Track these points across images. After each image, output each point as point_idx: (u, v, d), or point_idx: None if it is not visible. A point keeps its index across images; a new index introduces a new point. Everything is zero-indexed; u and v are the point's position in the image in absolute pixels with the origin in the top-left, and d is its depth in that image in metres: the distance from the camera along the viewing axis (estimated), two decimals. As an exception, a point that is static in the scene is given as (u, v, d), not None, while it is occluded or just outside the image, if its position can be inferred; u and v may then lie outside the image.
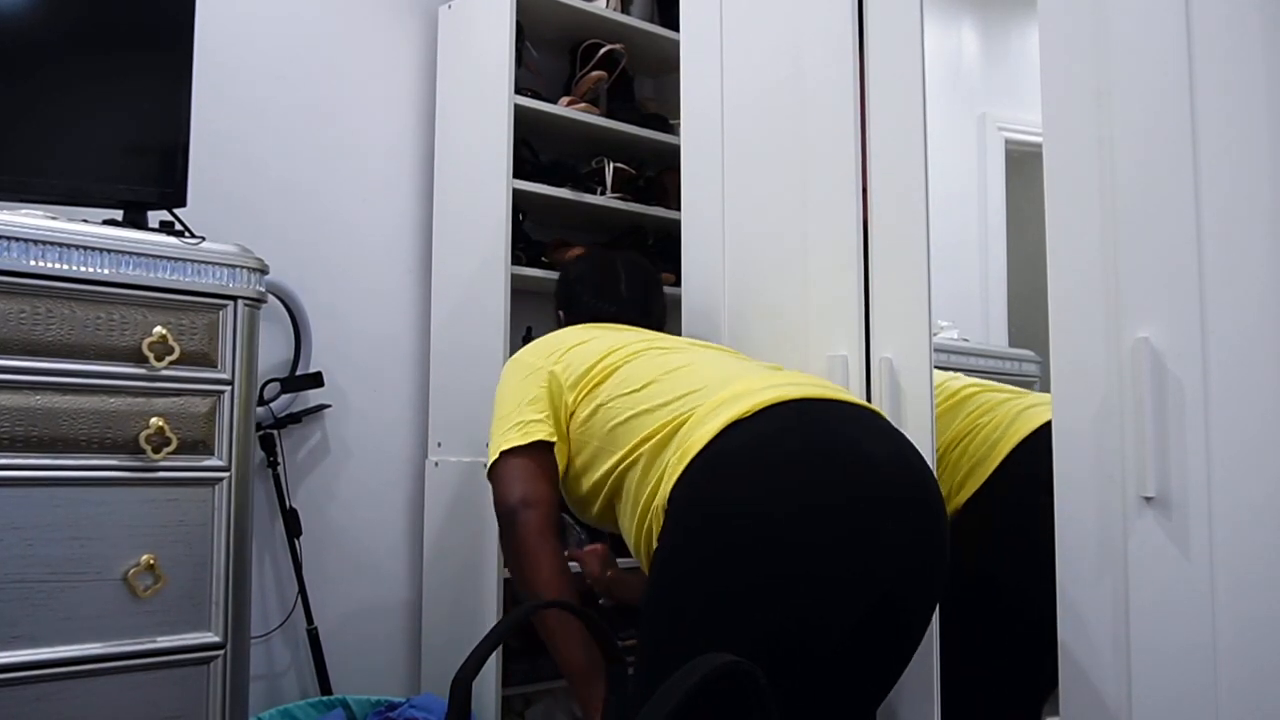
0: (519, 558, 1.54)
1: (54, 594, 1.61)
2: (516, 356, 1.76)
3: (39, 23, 1.79)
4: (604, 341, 1.67)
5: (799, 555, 1.25)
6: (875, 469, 1.31)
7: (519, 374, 1.68)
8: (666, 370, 1.55)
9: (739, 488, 1.31)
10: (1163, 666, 1.27)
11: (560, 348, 1.68)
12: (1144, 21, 1.33)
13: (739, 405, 1.38)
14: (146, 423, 1.71)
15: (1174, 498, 1.27)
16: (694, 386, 1.48)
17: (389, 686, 2.55)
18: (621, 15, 2.74)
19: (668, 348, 1.64)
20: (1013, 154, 1.96)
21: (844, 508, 1.27)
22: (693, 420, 1.41)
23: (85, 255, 1.66)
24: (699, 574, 1.30)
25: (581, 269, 2.00)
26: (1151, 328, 1.30)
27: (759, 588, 1.25)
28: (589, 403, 1.58)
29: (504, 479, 1.57)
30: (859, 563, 1.26)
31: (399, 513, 2.63)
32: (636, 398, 1.52)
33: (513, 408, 1.62)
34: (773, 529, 1.26)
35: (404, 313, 2.67)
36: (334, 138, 2.57)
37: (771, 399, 1.37)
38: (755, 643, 1.21)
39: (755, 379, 1.46)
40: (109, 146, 1.84)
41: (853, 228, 1.70)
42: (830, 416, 1.38)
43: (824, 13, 1.77)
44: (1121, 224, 1.34)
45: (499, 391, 1.69)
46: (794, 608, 1.25)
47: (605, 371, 1.60)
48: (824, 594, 1.25)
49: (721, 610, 1.26)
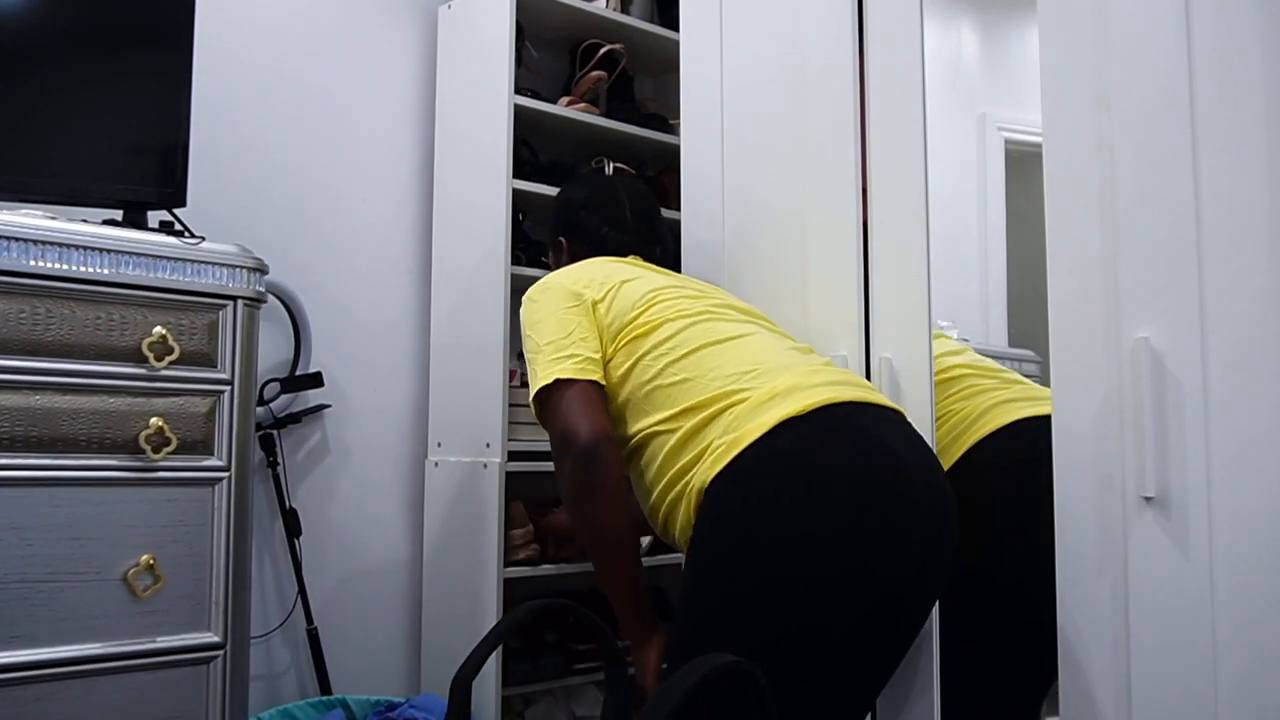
0: (602, 497, 1.43)
1: (54, 594, 1.61)
2: (557, 280, 1.64)
3: (39, 23, 1.78)
4: (647, 283, 1.60)
5: (835, 554, 1.29)
6: (912, 482, 1.34)
7: (563, 300, 1.58)
8: (716, 339, 1.49)
9: (789, 488, 1.32)
10: (1162, 666, 1.27)
11: (607, 281, 1.60)
12: (1144, 22, 1.33)
13: (794, 401, 1.36)
14: (146, 423, 1.71)
15: (1174, 498, 1.27)
16: (746, 367, 1.44)
17: (389, 686, 2.55)
18: (621, 15, 2.74)
19: (711, 311, 1.57)
20: (1013, 154, 1.96)
21: (884, 515, 1.31)
22: (745, 406, 1.38)
23: (85, 255, 1.66)
24: (740, 561, 1.31)
25: (583, 193, 1.89)
26: (1151, 328, 1.30)
27: (796, 580, 1.28)
28: (628, 355, 1.52)
29: (567, 410, 1.46)
30: (891, 567, 1.31)
31: (399, 513, 2.63)
32: (683, 364, 1.47)
33: (561, 334, 1.53)
34: (815, 527, 1.29)
35: (404, 313, 2.67)
36: (334, 138, 2.57)
37: (824, 399, 1.37)
38: (786, 633, 1.27)
39: (805, 371, 1.44)
40: (109, 146, 1.84)
41: (853, 227, 1.70)
42: (874, 425, 1.40)
43: (824, 13, 1.77)
44: (1121, 224, 1.34)
45: (534, 311, 1.60)
46: (825, 604, 1.29)
47: (649, 325, 1.53)
48: (851, 591, 1.29)
49: (762, 598, 1.29)
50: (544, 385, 1.49)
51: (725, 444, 1.35)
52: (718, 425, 1.38)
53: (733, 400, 1.39)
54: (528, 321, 1.60)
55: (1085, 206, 1.38)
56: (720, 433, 1.37)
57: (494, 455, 2.38)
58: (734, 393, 1.40)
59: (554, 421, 1.47)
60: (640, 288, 1.58)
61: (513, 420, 2.44)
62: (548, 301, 1.60)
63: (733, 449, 1.34)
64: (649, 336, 1.51)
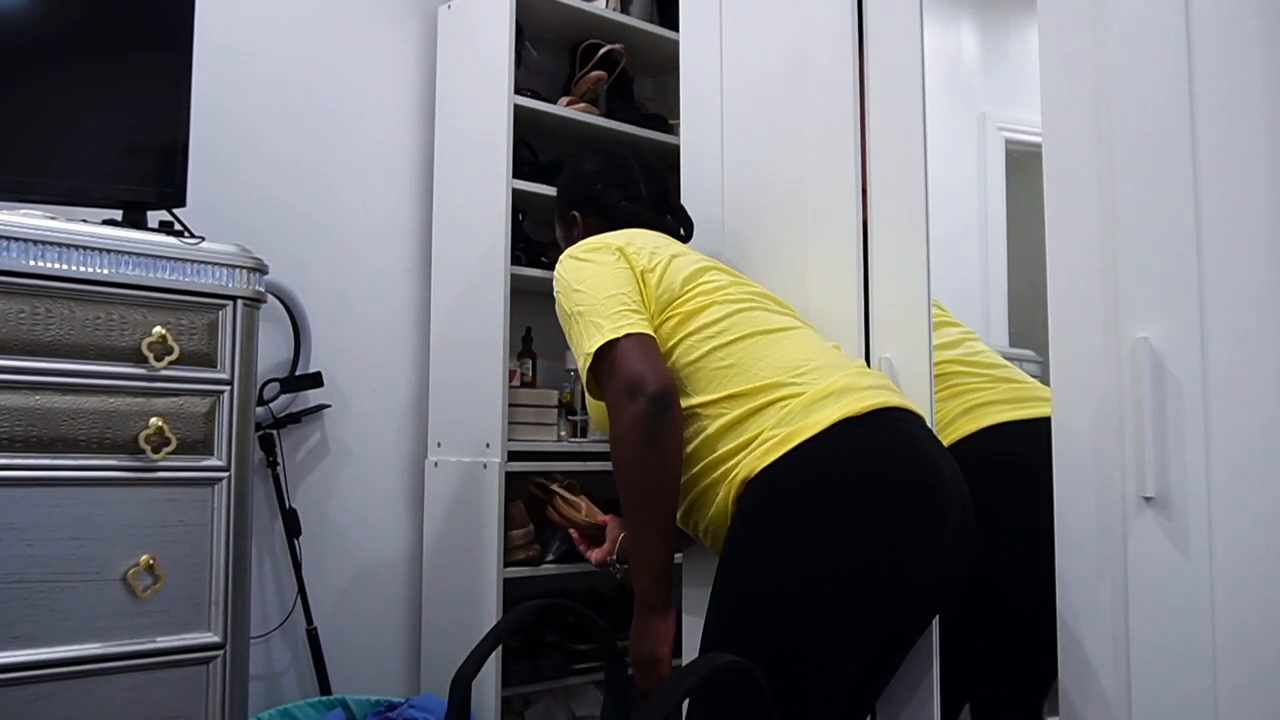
0: (669, 443, 1.38)
1: (53, 594, 1.61)
2: (605, 240, 1.58)
3: (39, 23, 1.78)
4: (693, 260, 1.57)
5: (888, 555, 1.30)
6: (950, 493, 1.35)
7: (616, 259, 1.53)
8: (764, 329, 1.48)
9: (849, 486, 1.32)
10: (1162, 666, 1.27)
11: (657, 252, 1.56)
12: (1144, 22, 1.33)
13: (850, 401, 1.36)
14: (146, 423, 1.71)
15: (1174, 498, 1.27)
16: (796, 360, 1.43)
17: (389, 686, 2.55)
18: (621, 15, 2.74)
19: (754, 300, 1.54)
20: (1013, 154, 1.96)
21: (927, 522, 1.32)
22: (801, 401, 1.37)
23: (85, 255, 1.66)
24: (794, 552, 1.30)
25: (598, 165, 1.81)
26: (1151, 328, 1.30)
27: (847, 575, 1.29)
28: (673, 332, 1.49)
29: (634, 358, 1.40)
30: (926, 574, 1.33)
31: (399, 513, 2.63)
32: (731, 350, 1.45)
33: (621, 289, 1.48)
34: (873, 527, 1.30)
35: (404, 312, 2.67)
36: (334, 138, 2.57)
37: (878, 403, 1.37)
38: (831, 626, 1.28)
39: (855, 373, 1.43)
40: (109, 146, 1.84)
41: (853, 228, 1.70)
42: (916, 432, 1.40)
43: (824, 13, 1.77)
44: (1121, 224, 1.34)
45: (582, 270, 1.52)
46: (874, 601, 1.29)
47: (697, 305, 1.50)
48: (898, 593, 1.31)
49: (815, 589, 1.29)
50: (612, 339, 1.41)
51: (779, 436, 1.34)
52: (768, 416, 1.37)
53: (786, 393, 1.38)
54: (575, 279, 1.51)
55: (1085, 206, 1.38)
56: (774, 424, 1.36)
57: (494, 455, 2.38)
58: (786, 384, 1.39)
59: (618, 371, 1.40)
60: (688, 264, 1.55)
61: (513, 420, 2.44)
62: (601, 259, 1.53)
63: (787, 442, 1.33)
64: (696, 316, 1.49)
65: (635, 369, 1.39)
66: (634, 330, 1.41)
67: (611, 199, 1.74)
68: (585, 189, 1.78)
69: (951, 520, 1.33)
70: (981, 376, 1.78)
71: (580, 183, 1.79)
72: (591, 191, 1.77)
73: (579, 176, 1.80)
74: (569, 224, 1.80)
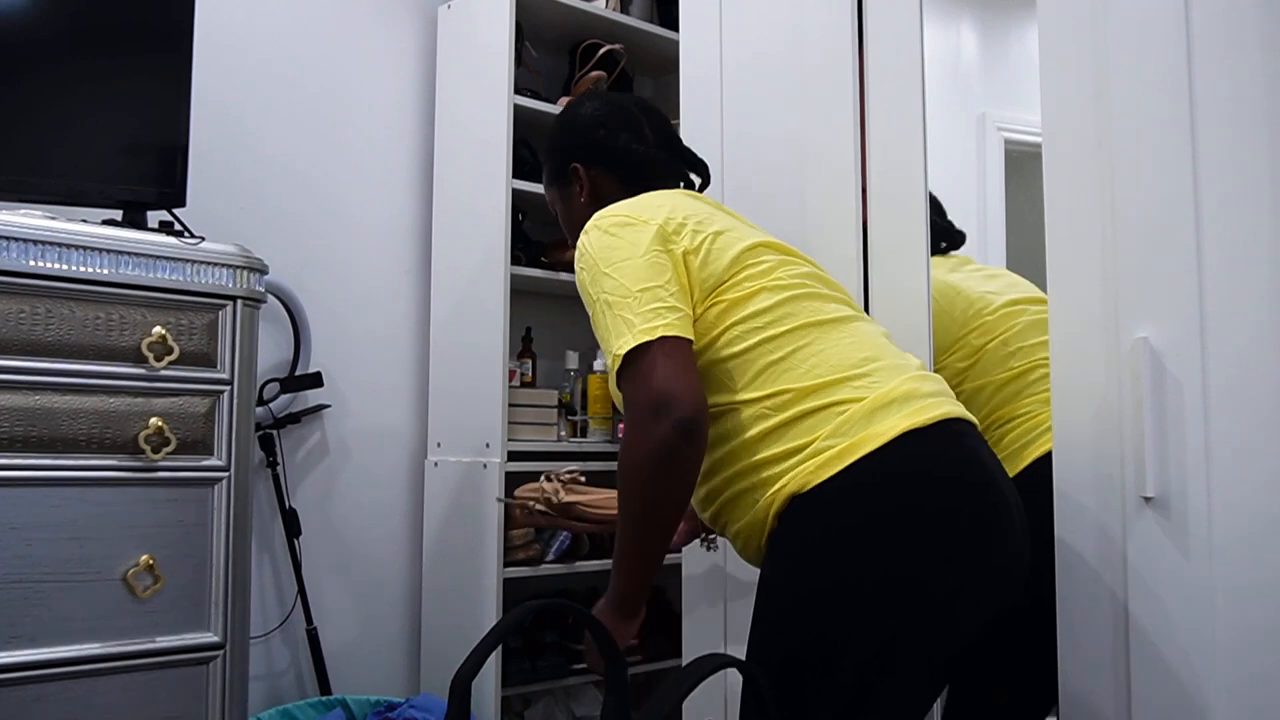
0: (687, 470, 1.24)
1: (53, 594, 1.61)
2: (639, 213, 1.37)
3: (39, 23, 1.78)
4: (739, 236, 1.39)
5: (952, 578, 1.20)
6: (1013, 515, 1.27)
7: (652, 240, 1.34)
8: (817, 319, 1.33)
9: (916, 508, 1.20)
10: (1162, 666, 1.27)
11: (699, 229, 1.37)
12: (1144, 21, 1.33)
13: (914, 411, 1.24)
14: (146, 423, 1.71)
15: (1174, 498, 1.27)
16: (855, 358, 1.29)
17: (389, 686, 2.55)
18: (621, 15, 2.74)
19: (805, 283, 1.38)
20: (1012, 154, 1.96)
21: (990, 547, 1.24)
22: (861, 409, 1.23)
23: (85, 255, 1.66)
24: (849, 575, 1.19)
25: (595, 109, 1.59)
26: (1151, 328, 1.30)
27: (911, 597, 1.18)
28: (717, 320, 1.33)
29: (669, 368, 1.24)
30: (993, 597, 1.25)
31: (399, 513, 2.63)
32: (782, 342, 1.30)
33: (656, 280, 1.30)
34: (938, 548, 1.19)
35: (404, 313, 2.67)
36: (334, 138, 2.57)
37: (943, 414, 1.25)
38: (892, 646, 1.17)
39: (916, 376, 1.30)
40: (108, 146, 1.84)
41: (853, 228, 1.70)
42: (978, 446, 1.30)
43: (823, 13, 1.77)
44: (1121, 224, 1.34)
45: (613, 247, 1.33)
46: (939, 625, 1.20)
47: (745, 292, 1.34)
48: (960, 617, 1.22)
49: (873, 611, 1.18)
50: (646, 341, 1.25)
51: (836, 448, 1.21)
52: (823, 422, 1.24)
53: (843, 396, 1.25)
54: (604, 259, 1.32)
55: (1085, 206, 1.38)
56: (830, 433, 1.23)
57: (494, 455, 2.38)
58: (843, 385, 1.26)
59: (649, 379, 1.23)
60: (734, 242, 1.38)
61: (512, 420, 2.44)
62: (633, 239, 1.33)
63: (847, 456, 1.21)
64: (744, 304, 1.33)
65: (665, 384, 1.22)
66: (670, 333, 1.25)
67: (620, 144, 1.54)
68: (586, 136, 1.56)
69: (1012, 543, 1.25)
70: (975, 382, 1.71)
71: (579, 131, 1.58)
72: (594, 138, 1.56)
73: (576, 124, 1.59)
74: (568, 181, 1.57)
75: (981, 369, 1.68)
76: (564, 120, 1.62)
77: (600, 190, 1.53)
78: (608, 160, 1.54)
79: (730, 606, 1.86)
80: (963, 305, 1.73)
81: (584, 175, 1.55)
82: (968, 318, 1.72)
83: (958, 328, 1.72)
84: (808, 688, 1.17)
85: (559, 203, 1.61)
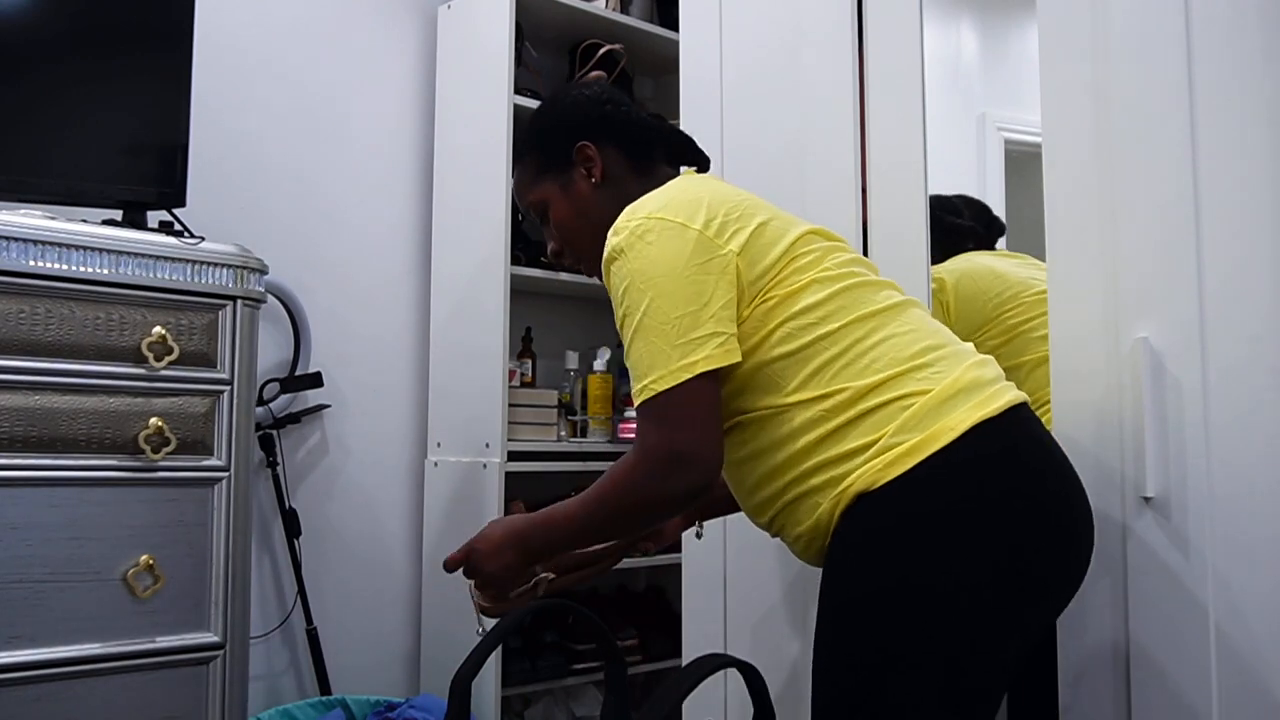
0: (662, 514, 1.26)
1: (53, 594, 1.61)
2: (678, 215, 1.27)
3: (39, 23, 1.79)
4: (781, 226, 1.32)
5: (1032, 575, 1.17)
6: (1084, 509, 1.25)
7: (697, 252, 1.24)
8: (870, 310, 1.27)
9: (998, 503, 1.16)
10: (1162, 666, 1.27)
11: (744, 223, 1.29)
12: (1144, 21, 1.33)
13: (982, 400, 1.19)
14: (146, 423, 1.71)
15: (1174, 498, 1.27)
16: (914, 349, 1.23)
17: (388, 687, 2.55)
18: (621, 15, 2.74)
19: (851, 271, 1.32)
20: (1012, 154, 1.95)
21: (1066, 544, 1.21)
22: (928, 401, 1.18)
23: (85, 255, 1.66)
24: (929, 570, 1.14)
25: (591, 90, 1.50)
26: (1151, 328, 1.30)
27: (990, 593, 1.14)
28: (764, 320, 1.26)
29: (696, 420, 1.19)
30: (1061, 591, 1.23)
31: (398, 513, 2.63)
32: (837, 338, 1.24)
33: (697, 303, 1.22)
34: (1020, 543, 1.16)
35: (403, 313, 2.67)
36: (333, 138, 2.57)
37: (1011, 400, 1.21)
38: (970, 647, 1.14)
39: (977, 361, 1.25)
40: (108, 146, 1.84)
41: (853, 228, 1.70)
42: (1045, 434, 1.26)
43: (823, 13, 1.77)
44: (1121, 224, 1.34)
45: (651, 262, 1.23)
46: (1012, 622, 1.16)
47: (794, 287, 1.27)
48: (1035, 613, 1.20)
49: (952, 606, 1.13)
50: (680, 381, 1.19)
51: (908, 444, 1.16)
52: (891, 418, 1.18)
53: (909, 390, 1.19)
54: (641, 272, 1.23)
55: (1085, 206, 1.38)
56: (898, 428, 1.17)
57: (494, 455, 2.38)
58: (906, 378, 1.20)
59: (673, 431, 1.19)
60: (779, 234, 1.30)
61: (512, 420, 2.44)
62: (674, 249, 1.24)
63: (920, 451, 1.16)
64: (794, 299, 1.26)
65: (689, 442, 1.18)
66: (707, 367, 1.19)
67: (632, 116, 1.46)
68: (594, 111, 1.45)
69: (1089, 537, 1.23)
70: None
71: (584, 108, 1.46)
72: (602, 114, 1.44)
73: (579, 104, 1.47)
74: (568, 165, 1.44)
75: (1016, 349, 1.65)
76: (561, 104, 1.50)
77: (611, 170, 1.43)
78: (620, 135, 1.44)
79: (730, 606, 1.86)
80: (1000, 286, 1.72)
81: (595, 155, 1.42)
82: (1005, 299, 1.70)
83: (992, 308, 1.71)
84: (893, 686, 1.13)
85: (557, 196, 1.45)
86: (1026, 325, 1.67)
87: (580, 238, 1.43)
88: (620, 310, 1.26)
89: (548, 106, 1.53)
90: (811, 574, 1.73)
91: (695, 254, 1.24)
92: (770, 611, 1.79)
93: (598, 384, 2.65)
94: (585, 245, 1.42)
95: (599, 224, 1.35)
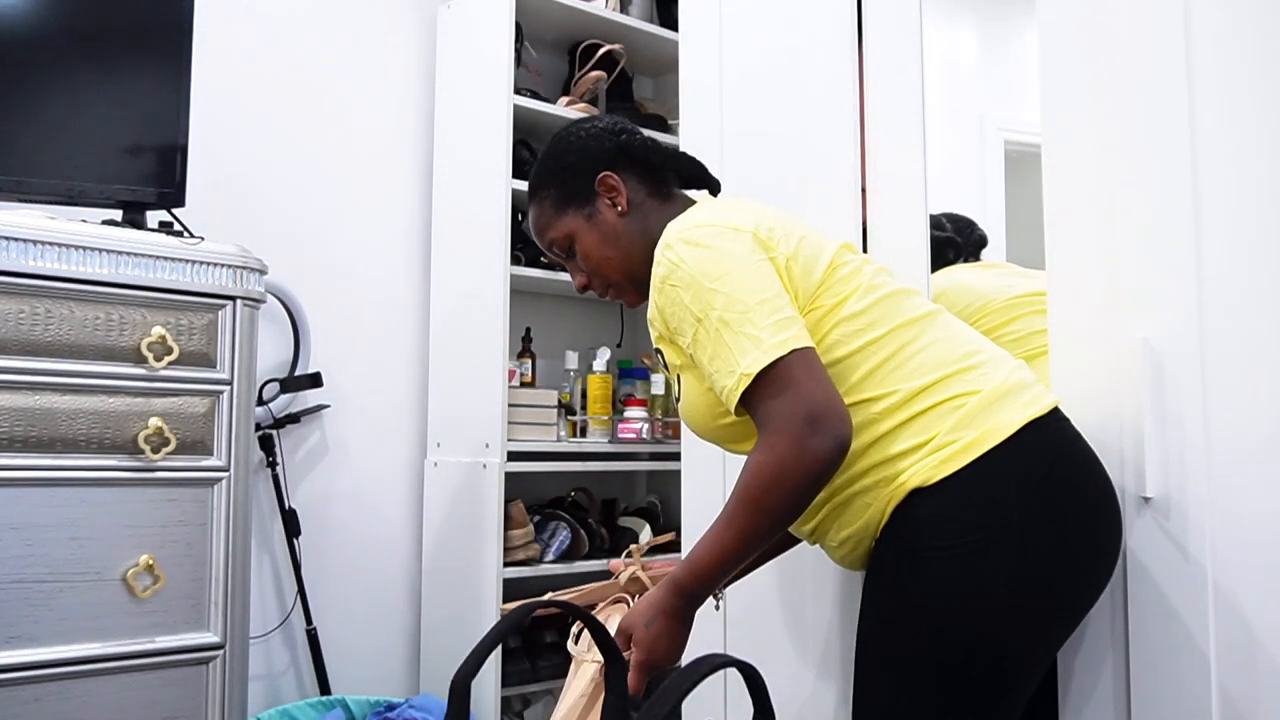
0: (818, 482, 1.17)
1: (53, 594, 1.61)
2: (732, 220, 1.29)
3: (39, 23, 1.79)
4: (818, 239, 1.34)
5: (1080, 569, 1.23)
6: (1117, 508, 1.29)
7: (754, 249, 1.26)
8: (911, 317, 1.30)
9: (1054, 498, 1.21)
10: (1162, 666, 1.27)
11: (789, 231, 1.32)
12: (1143, 21, 1.33)
13: (1031, 401, 1.23)
14: (145, 423, 1.71)
15: (1174, 498, 1.27)
16: (958, 352, 1.27)
17: (388, 687, 2.55)
18: (620, 15, 2.74)
19: (882, 280, 1.35)
20: (1012, 154, 1.96)
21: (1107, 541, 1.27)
22: (980, 401, 1.21)
23: (85, 255, 1.66)
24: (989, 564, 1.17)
25: (603, 122, 1.50)
26: (1151, 328, 1.30)
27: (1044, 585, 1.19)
28: (820, 325, 1.28)
29: (817, 384, 1.18)
30: (1099, 584, 1.28)
31: (398, 513, 2.63)
32: (883, 344, 1.27)
33: (772, 291, 1.23)
34: (1070, 539, 1.21)
35: (403, 312, 2.67)
36: (333, 138, 2.57)
37: (1053, 402, 1.26)
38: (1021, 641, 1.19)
39: (1019, 364, 1.30)
40: (108, 146, 1.85)
41: (853, 228, 1.70)
42: (1080, 437, 1.30)
43: (823, 14, 1.77)
44: (1121, 224, 1.34)
45: (714, 260, 1.24)
46: (1069, 608, 1.23)
47: (840, 295, 1.29)
48: (1078, 609, 1.26)
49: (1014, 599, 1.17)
50: (780, 355, 1.18)
51: (964, 441, 1.19)
52: (943, 418, 1.21)
53: (959, 391, 1.23)
54: (705, 274, 1.24)
55: (1085, 206, 1.38)
56: (952, 427, 1.20)
57: (493, 455, 2.38)
58: (953, 380, 1.24)
59: (800, 393, 1.16)
60: (818, 245, 1.33)
61: (512, 420, 2.44)
62: (731, 247, 1.26)
63: (975, 448, 1.19)
64: (840, 308, 1.29)
65: (819, 396, 1.16)
66: (800, 344, 1.19)
67: (646, 143, 1.46)
68: (611, 141, 1.45)
69: (1121, 533, 1.29)
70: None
71: (601, 138, 1.45)
72: (619, 143, 1.44)
73: (595, 135, 1.47)
74: (591, 197, 1.43)
75: None
76: (573, 138, 1.48)
77: (633, 197, 1.43)
78: (636, 162, 1.44)
79: (730, 607, 1.86)
80: (969, 299, 1.74)
81: (619, 185, 1.42)
82: (974, 309, 1.72)
83: (964, 319, 1.74)
84: (941, 683, 1.17)
85: (584, 229, 1.43)
86: (996, 332, 1.68)
87: (611, 267, 1.43)
88: (690, 319, 1.25)
89: (561, 142, 1.50)
90: (812, 574, 1.73)
91: (755, 249, 1.26)
92: (770, 611, 1.79)
93: (597, 384, 2.65)
94: (617, 274, 1.43)
95: (628, 251, 1.40)
